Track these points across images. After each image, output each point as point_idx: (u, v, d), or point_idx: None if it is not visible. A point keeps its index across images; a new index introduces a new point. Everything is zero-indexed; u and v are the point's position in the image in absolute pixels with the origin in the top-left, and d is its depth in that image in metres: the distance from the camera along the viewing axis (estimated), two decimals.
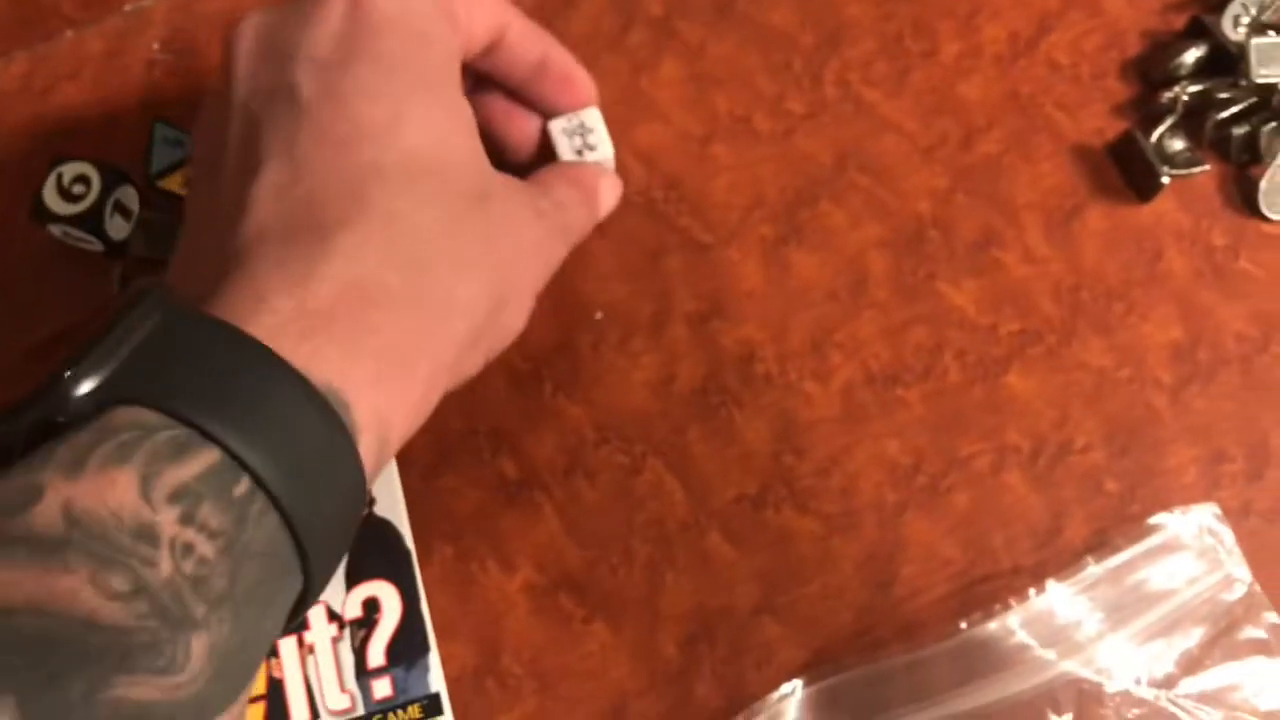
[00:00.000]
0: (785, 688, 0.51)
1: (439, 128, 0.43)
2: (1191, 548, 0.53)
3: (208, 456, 0.33)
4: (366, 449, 0.37)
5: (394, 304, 0.39)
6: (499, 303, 0.45)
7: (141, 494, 0.32)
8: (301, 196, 0.39)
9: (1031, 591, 0.52)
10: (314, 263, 0.38)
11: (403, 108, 0.42)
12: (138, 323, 0.35)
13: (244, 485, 0.33)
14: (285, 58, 0.42)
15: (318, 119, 0.41)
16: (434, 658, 0.51)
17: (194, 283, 0.39)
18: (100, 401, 0.33)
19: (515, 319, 0.47)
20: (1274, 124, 0.59)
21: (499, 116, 0.55)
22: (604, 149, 0.58)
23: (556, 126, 0.58)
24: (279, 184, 0.40)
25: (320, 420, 0.35)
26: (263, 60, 0.43)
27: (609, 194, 0.54)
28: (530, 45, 0.52)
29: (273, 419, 0.34)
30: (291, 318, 0.36)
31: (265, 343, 0.35)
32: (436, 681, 0.50)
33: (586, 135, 0.58)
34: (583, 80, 0.54)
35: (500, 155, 0.55)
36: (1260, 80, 0.58)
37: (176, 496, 0.32)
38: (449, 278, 0.41)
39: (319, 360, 0.36)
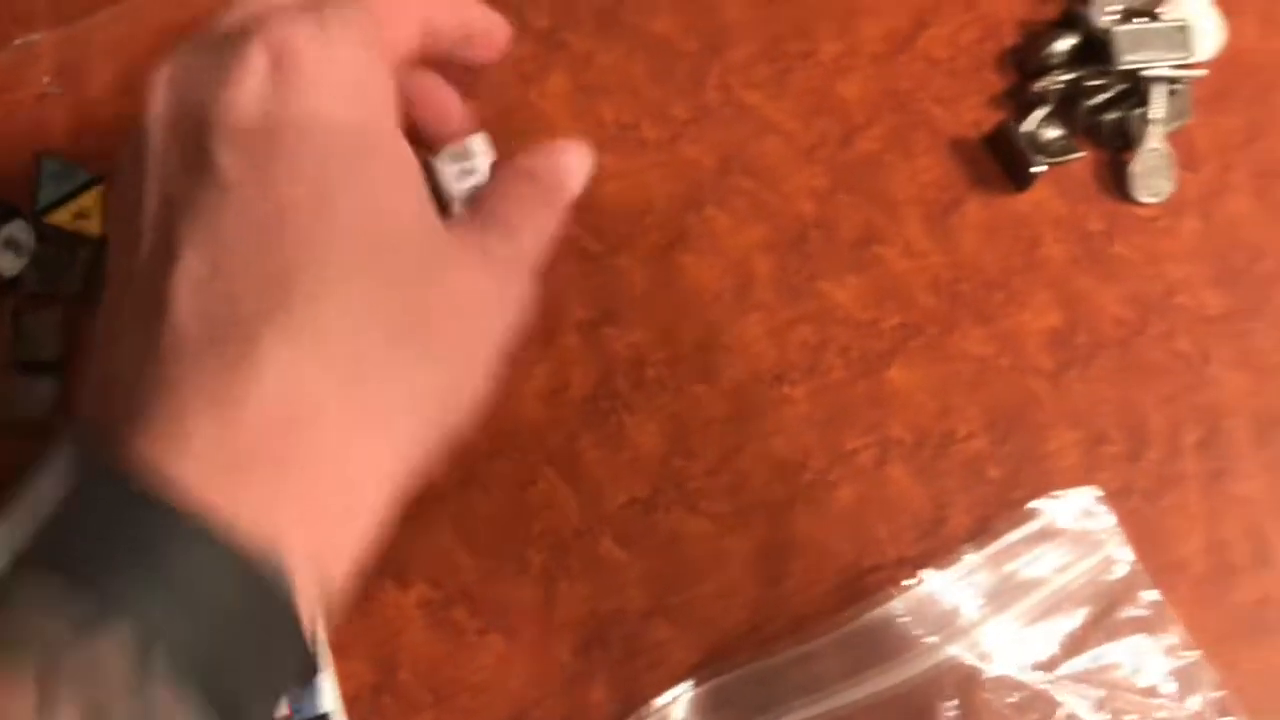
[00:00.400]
0: (675, 690, 0.51)
1: (378, 196, 0.37)
2: (1071, 531, 0.53)
3: (117, 632, 0.30)
4: (305, 594, 0.33)
5: (330, 423, 0.34)
6: (454, 387, 0.39)
7: (38, 703, 0.29)
8: (222, 292, 0.34)
9: (914, 579, 0.52)
10: (237, 382, 0.33)
11: (335, 179, 0.35)
12: (49, 489, 0.32)
13: (158, 663, 0.30)
14: (203, 126, 0.35)
15: (239, 200, 0.35)
16: (326, 677, 0.50)
17: (114, 393, 0.34)
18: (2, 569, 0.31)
19: (476, 394, 0.40)
20: (1142, 110, 0.58)
21: (423, 95, 0.47)
22: (485, 173, 0.57)
23: (443, 154, 0.57)
24: (198, 277, 0.34)
25: (245, 584, 0.31)
26: (177, 128, 0.36)
27: (575, 171, 0.47)
28: (451, 20, 0.45)
29: (191, 588, 0.31)
30: (214, 457, 0.32)
31: (187, 490, 0.31)
32: (328, 701, 0.50)
33: (468, 160, 0.57)
34: (500, 25, 0.47)
35: (428, 132, 0.50)
36: (1126, 66, 0.58)
37: (79, 694, 0.29)
38: (393, 378, 0.36)
39: (246, 507, 0.32)
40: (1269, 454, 0.55)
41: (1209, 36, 0.60)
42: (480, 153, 0.55)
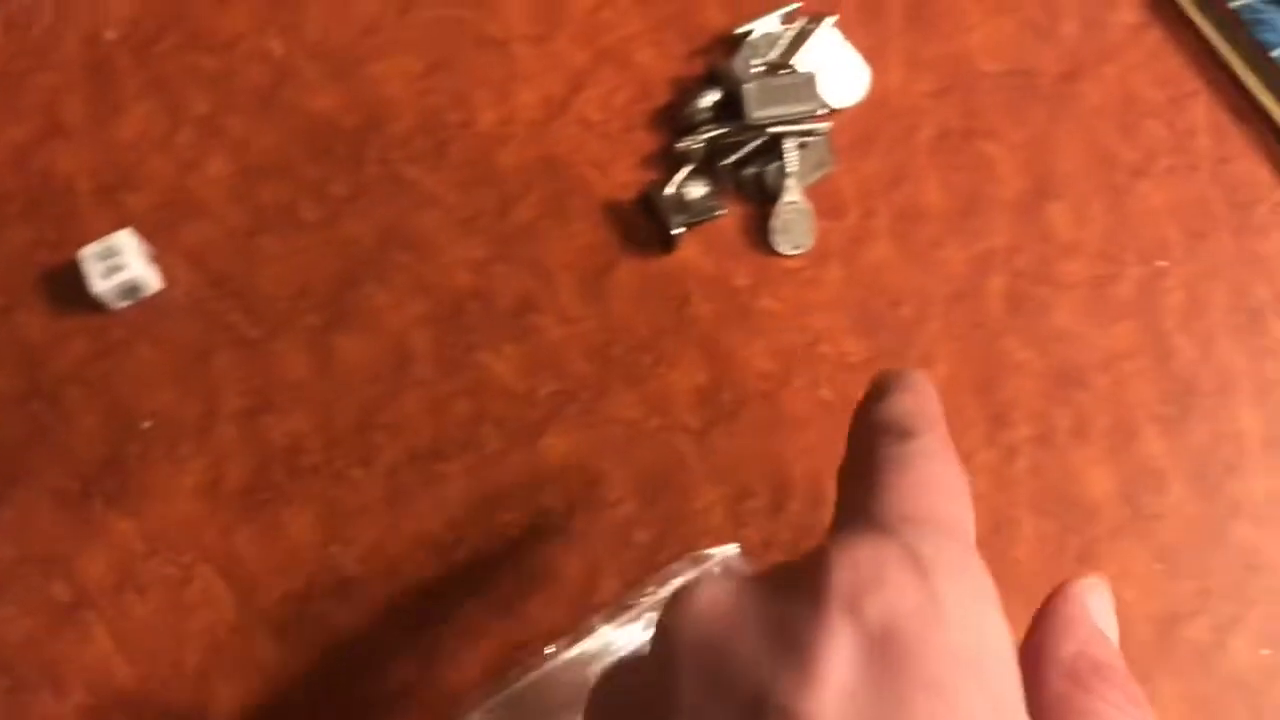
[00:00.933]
0: None
1: None
2: None
3: None
4: None
5: None
6: None
7: None
8: None
9: (551, 649, 0.44)
10: None
11: None
12: None
13: None
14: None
15: None
16: None
17: None
18: None
19: None
20: (778, 164, 0.50)
21: None
22: (133, 268, 0.48)
23: (85, 253, 0.48)
24: None
25: None
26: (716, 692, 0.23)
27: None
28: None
29: None
30: None
31: None
32: None
33: (115, 258, 0.48)
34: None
35: None
36: (757, 122, 0.49)
37: None
38: None
39: None
40: None
41: (853, 83, 0.52)
42: (127, 249, 0.47)
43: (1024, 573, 0.46)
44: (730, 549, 0.45)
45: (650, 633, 0.41)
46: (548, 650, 0.43)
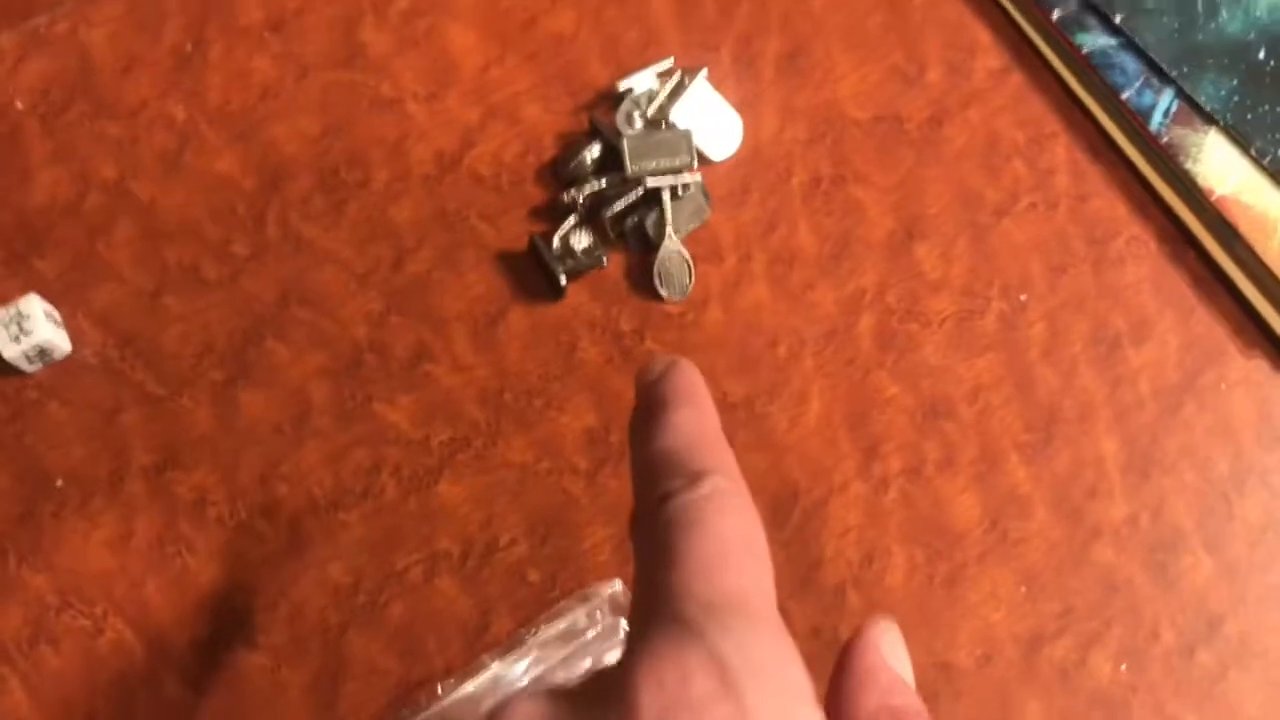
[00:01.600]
0: None
1: None
2: (602, 624, 0.48)
3: None
4: None
5: None
6: None
7: None
8: None
9: (439, 689, 0.47)
10: None
11: None
12: None
13: None
14: None
15: None
16: None
17: None
18: None
19: None
20: (658, 213, 0.53)
21: None
22: (41, 331, 0.50)
23: None
24: None
25: None
26: None
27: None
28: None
29: None
30: None
31: None
32: None
33: (22, 322, 0.50)
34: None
35: None
36: (635, 174, 0.52)
37: None
38: None
39: None
40: (785, 532, 0.50)
41: (728, 134, 0.55)
42: (34, 314, 0.49)
43: (896, 600, 0.48)
44: (615, 584, 0.47)
45: (538, 670, 0.43)
46: (439, 688, 0.45)
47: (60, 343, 0.50)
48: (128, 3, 0.56)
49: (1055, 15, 0.54)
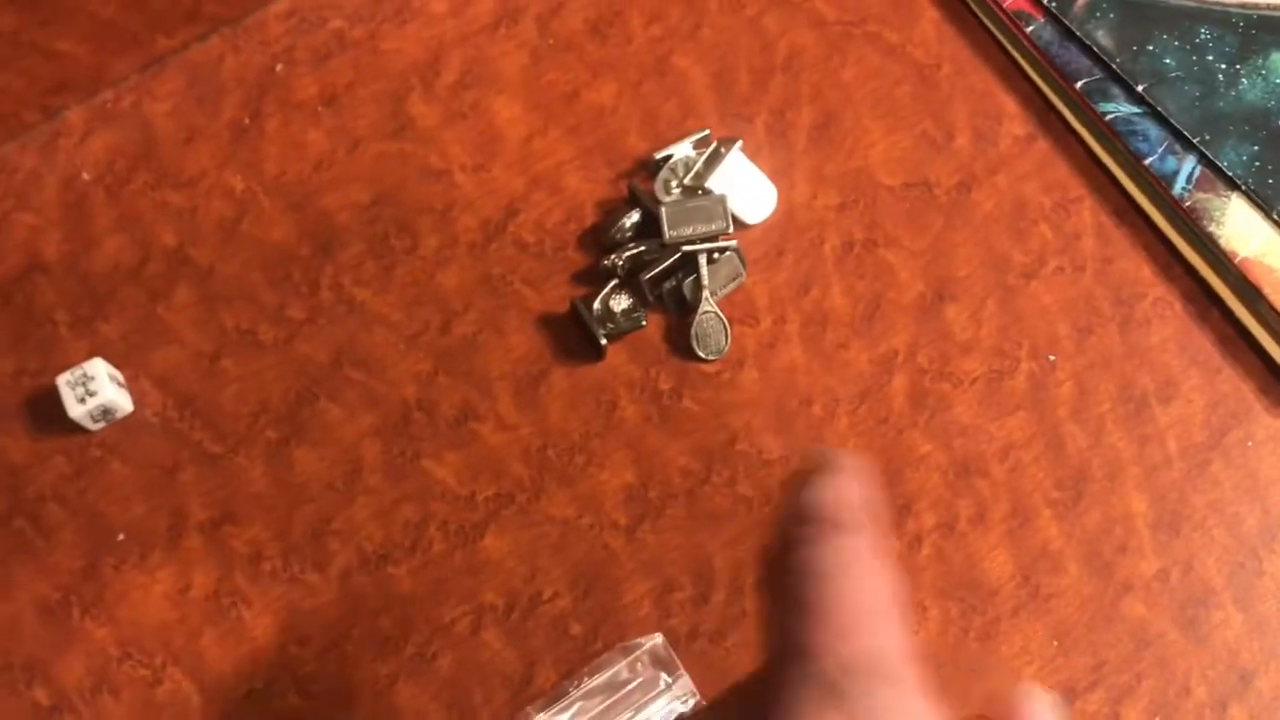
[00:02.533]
0: None
1: None
2: (643, 677, 0.50)
3: None
4: None
5: None
6: None
7: None
8: None
9: None
10: None
11: None
12: None
13: None
14: None
15: None
16: None
17: None
18: None
19: None
20: (694, 277, 0.55)
21: None
22: (105, 393, 0.53)
23: (62, 380, 0.53)
24: None
25: None
26: None
27: None
28: None
29: None
30: None
31: None
32: None
33: (88, 384, 0.53)
34: None
35: None
36: (673, 240, 0.54)
37: None
38: None
39: None
40: None
41: (763, 201, 0.57)
42: (99, 375, 0.51)
43: (931, 653, 0.49)
44: (656, 638, 0.49)
45: None
46: None
47: (123, 403, 0.53)
48: (188, 78, 0.60)
49: (1079, 84, 0.56)
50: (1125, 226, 0.55)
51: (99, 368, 0.52)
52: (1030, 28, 0.57)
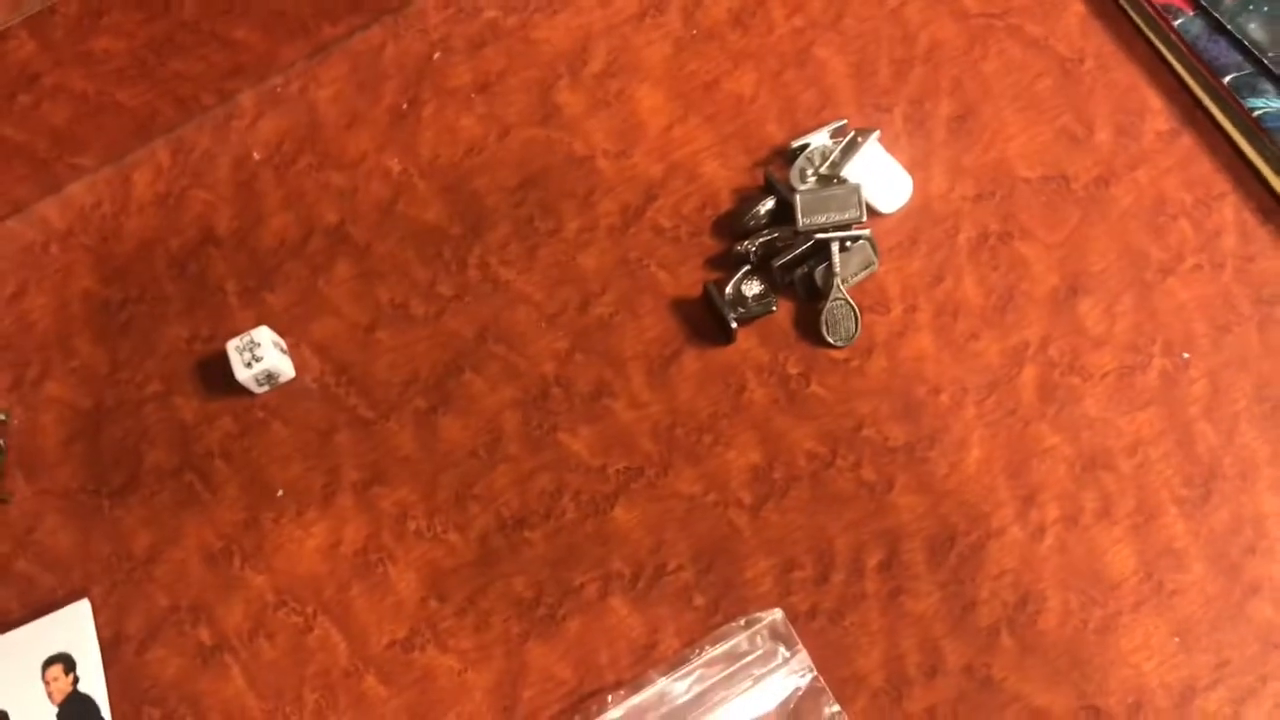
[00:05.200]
0: None
1: None
2: (762, 650, 0.52)
3: None
4: None
5: None
6: None
7: None
8: None
9: (609, 702, 0.51)
10: None
11: None
12: None
13: None
14: None
15: None
16: None
17: None
18: None
19: None
20: (826, 264, 0.57)
21: None
22: (270, 359, 0.58)
23: (231, 345, 0.58)
24: None
25: None
26: None
27: None
28: None
29: None
30: None
31: None
32: None
33: (254, 350, 0.58)
34: None
35: None
36: (804, 228, 0.56)
37: None
38: None
39: None
40: (941, 573, 0.53)
41: (898, 191, 0.59)
42: (264, 343, 0.56)
43: (1049, 643, 0.51)
44: (776, 613, 0.52)
45: (700, 688, 0.48)
46: (609, 698, 0.50)
47: (286, 369, 0.58)
48: (350, 64, 0.64)
49: (1228, 79, 0.56)
50: (1270, 225, 0.55)
51: (265, 335, 0.57)
52: (1178, 21, 0.57)
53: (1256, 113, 0.55)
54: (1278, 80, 0.55)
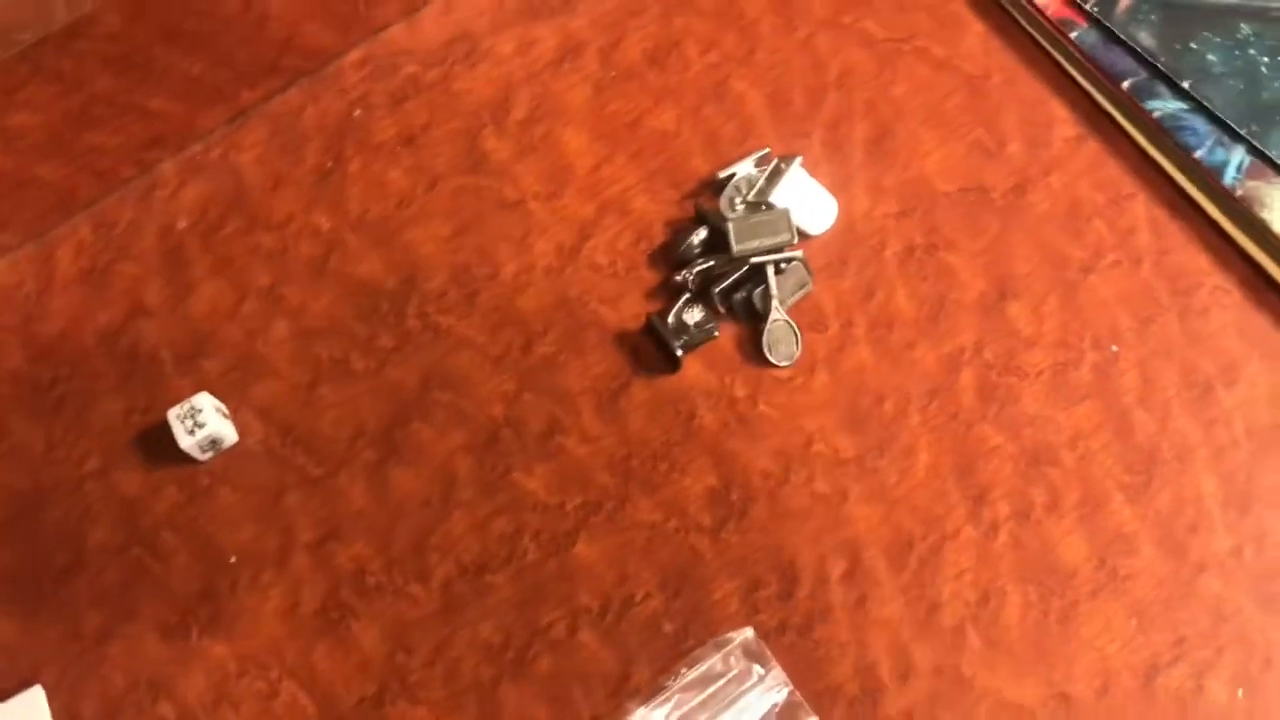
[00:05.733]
0: None
1: None
2: (736, 670, 0.52)
3: None
4: None
5: None
6: None
7: None
8: None
9: None
10: None
11: None
12: None
13: None
14: None
15: None
16: None
17: None
18: None
19: None
20: (762, 287, 0.58)
21: None
22: (212, 424, 0.57)
23: (171, 414, 0.57)
24: None
25: None
26: None
27: None
28: None
29: None
30: None
31: None
32: None
33: (196, 416, 0.57)
34: None
35: None
36: (740, 254, 0.58)
37: None
38: None
39: None
40: (903, 577, 0.54)
41: (824, 212, 0.61)
42: (206, 408, 0.55)
43: (1014, 637, 0.52)
44: (747, 632, 0.52)
45: (679, 713, 0.48)
46: None
47: (229, 434, 0.57)
48: (271, 127, 0.64)
49: (1126, 84, 0.59)
50: (1179, 219, 0.58)
51: (205, 400, 0.56)
52: (1075, 33, 0.60)
53: (1156, 114, 0.58)
54: (1172, 83, 0.58)
